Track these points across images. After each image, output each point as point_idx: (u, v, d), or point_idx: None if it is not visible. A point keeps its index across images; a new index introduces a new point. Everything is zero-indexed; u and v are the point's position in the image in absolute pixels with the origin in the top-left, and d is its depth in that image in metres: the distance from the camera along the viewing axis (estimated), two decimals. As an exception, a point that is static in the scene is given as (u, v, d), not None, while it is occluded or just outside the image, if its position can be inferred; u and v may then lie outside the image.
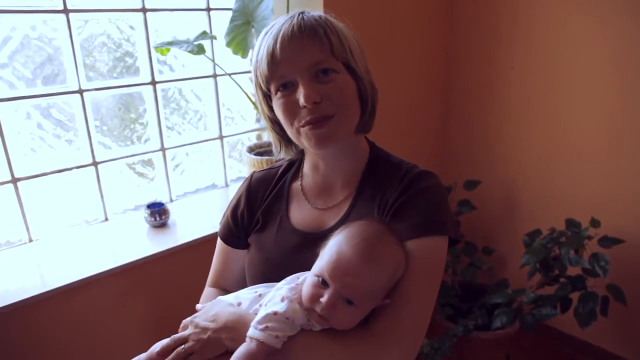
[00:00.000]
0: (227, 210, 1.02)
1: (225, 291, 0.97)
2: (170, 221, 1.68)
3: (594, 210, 1.92)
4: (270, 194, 0.97)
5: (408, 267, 0.76)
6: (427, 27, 2.23)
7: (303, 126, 0.80)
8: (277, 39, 0.78)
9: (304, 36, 0.78)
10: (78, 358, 1.44)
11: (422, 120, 2.37)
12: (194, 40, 1.59)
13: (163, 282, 1.57)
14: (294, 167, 0.99)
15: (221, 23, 1.77)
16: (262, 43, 0.81)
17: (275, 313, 0.72)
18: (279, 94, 0.81)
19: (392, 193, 0.84)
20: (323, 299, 0.70)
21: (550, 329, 2.28)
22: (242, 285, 0.93)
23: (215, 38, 1.66)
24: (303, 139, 0.82)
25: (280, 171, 0.99)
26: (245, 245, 0.97)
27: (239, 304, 0.82)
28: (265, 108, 0.87)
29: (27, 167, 1.49)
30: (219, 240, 1.02)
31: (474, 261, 2.17)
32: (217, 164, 1.97)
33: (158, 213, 1.64)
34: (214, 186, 1.99)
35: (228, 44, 1.66)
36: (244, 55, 1.67)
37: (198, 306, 0.90)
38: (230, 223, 0.98)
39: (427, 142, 2.44)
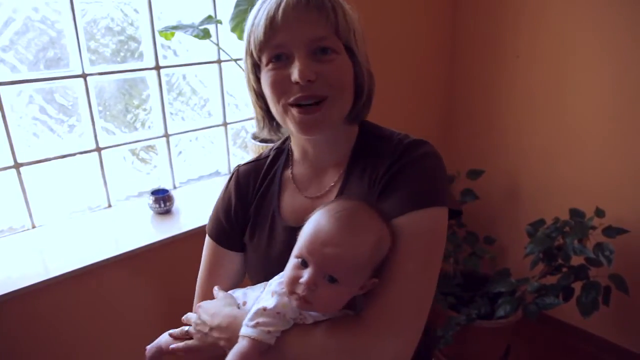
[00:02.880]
0: (216, 210, 0.94)
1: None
2: (174, 208, 1.67)
3: (598, 200, 1.92)
4: (260, 187, 0.91)
5: (402, 243, 0.70)
6: (432, 15, 2.21)
7: (292, 105, 0.74)
8: (280, 3, 0.71)
9: (310, 7, 0.71)
10: (81, 345, 1.44)
11: (426, 108, 2.35)
12: (199, 25, 1.56)
13: (167, 269, 1.56)
14: (283, 155, 0.92)
15: (226, 7, 1.74)
16: (261, 6, 0.74)
17: (265, 309, 0.69)
18: (270, 65, 0.74)
19: (382, 165, 0.78)
20: (303, 279, 0.66)
21: (550, 319, 2.29)
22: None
23: (221, 22, 1.63)
24: (289, 120, 0.76)
25: (268, 162, 0.92)
26: (239, 246, 0.91)
27: (245, 303, 0.80)
28: (252, 79, 0.80)
29: (30, 153, 1.47)
30: (209, 243, 0.94)
31: (476, 250, 2.18)
32: (220, 151, 1.95)
33: (162, 200, 1.62)
34: (217, 173, 1.98)
35: (233, 29, 1.63)
36: (249, 41, 1.64)
37: (199, 305, 0.85)
38: (224, 224, 0.91)
39: (431, 131, 2.43)
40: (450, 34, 2.32)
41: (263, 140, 1.80)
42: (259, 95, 0.82)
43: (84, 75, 1.51)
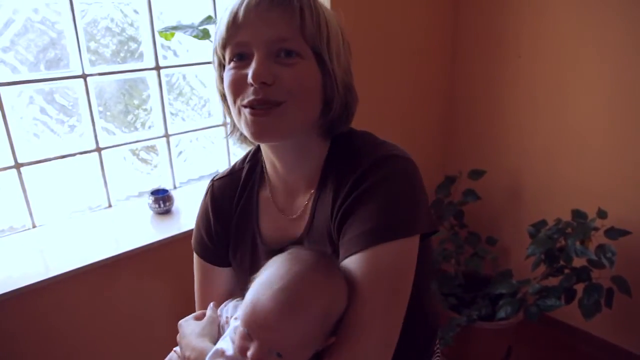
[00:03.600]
0: (197, 227, 0.91)
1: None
2: (174, 208, 1.68)
3: (601, 201, 1.90)
4: (238, 203, 0.86)
5: (361, 287, 0.64)
6: (433, 15, 2.20)
7: (245, 106, 0.69)
8: (244, 0, 0.68)
9: (274, 5, 0.67)
10: (81, 344, 1.45)
11: (428, 108, 2.35)
12: (199, 25, 1.56)
13: (167, 269, 1.56)
14: (257, 168, 0.86)
15: (226, 7, 1.74)
16: (229, 5, 0.71)
17: (222, 352, 0.66)
18: (232, 63, 0.70)
19: (343, 188, 0.71)
20: (249, 353, 0.61)
21: (552, 321, 2.28)
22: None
23: (220, 23, 1.64)
24: (243, 123, 0.71)
25: (243, 175, 0.87)
26: (225, 262, 0.88)
27: (236, 318, 0.76)
28: (218, 79, 0.76)
29: (31, 153, 1.48)
30: (197, 260, 0.91)
31: (477, 251, 2.16)
32: (221, 151, 1.96)
33: (162, 200, 1.63)
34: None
35: (233, 29, 1.63)
36: (249, 41, 1.64)
37: (179, 323, 0.85)
38: (206, 241, 0.88)
39: (433, 132, 2.42)
40: (451, 34, 2.31)
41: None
42: (223, 97, 0.76)
43: (84, 76, 1.51)
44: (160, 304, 1.57)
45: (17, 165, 1.45)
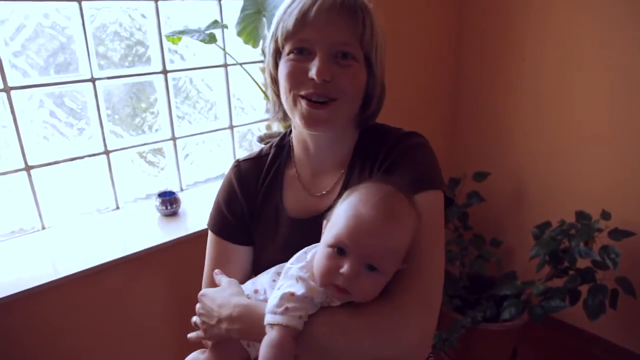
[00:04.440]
0: (218, 205, 0.94)
1: None
2: (181, 210, 1.69)
3: (605, 203, 1.91)
4: (264, 182, 0.92)
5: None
6: (438, 17, 2.22)
7: (303, 97, 0.78)
8: (316, 2, 0.75)
9: (343, 12, 0.76)
10: (89, 346, 1.46)
11: (432, 111, 2.36)
12: (205, 30, 1.59)
13: (174, 270, 1.58)
14: (284, 152, 0.94)
15: (232, 12, 1.76)
16: (294, 1, 0.78)
17: (292, 294, 0.67)
18: (291, 55, 0.78)
19: (380, 155, 0.83)
20: (344, 270, 0.65)
21: (557, 322, 2.28)
22: None
23: (227, 27, 1.66)
24: (296, 112, 0.80)
25: (269, 159, 0.94)
26: (245, 240, 0.92)
27: (256, 291, 0.79)
28: (271, 63, 0.84)
29: (40, 155, 1.50)
30: (214, 241, 0.93)
31: (482, 253, 2.17)
32: (227, 154, 1.98)
33: (169, 202, 1.64)
34: (223, 176, 1.99)
35: (239, 34, 1.65)
36: (255, 45, 1.66)
37: (201, 293, 0.85)
38: (229, 218, 0.92)
39: (437, 133, 2.43)
40: (456, 37, 2.33)
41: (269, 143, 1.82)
42: (274, 80, 0.85)
43: (93, 80, 1.54)
44: (167, 305, 1.59)
45: (27, 168, 1.47)
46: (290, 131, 0.95)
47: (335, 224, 0.69)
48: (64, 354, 1.42)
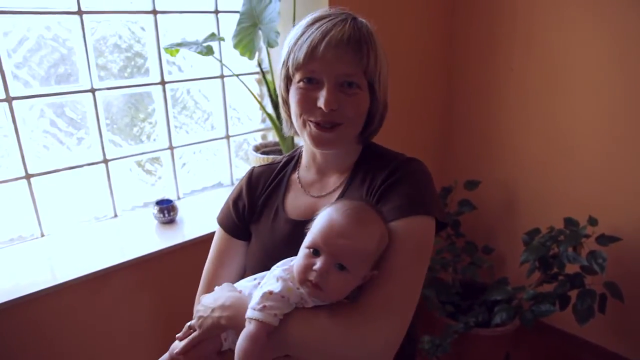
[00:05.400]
0: (228, 203, 1.05)
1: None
2: (178, 218, 1.72)
3: (592, 210, 1.95)
4: (270, 185, 1.02)
5: (395, 243, 0.79)
6: (429, 29, 2.27)
7: (311, 121, 0.86)
8: (325, 37, 0.81)
9: (349, 48, 0.82)
10: (87, 351, 1.48)
11: (423, 121, 2.40)
12: (203, 42, 1.63)
13: (171, 277, 1.60)
14: (294, 160, 1.04)
15: (229, 25, 1.81)
16: (306, 30, 0.84)
17: (270, 292, 0.75)
18: (301, 83, 0.85)
19: (379, 178, 0.88)
20: (316, 266, 0.73)
21: (548, 328, 2.31)
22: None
23: (224, 39, 1.70)
24: (306, 134, 0.88)
25: (280, 166, 1.04)
26: (246, 236, 1.01)
27: (240, 292, 0.86)
28: (283, 87, 0.91)
29: (40, 164, 1.53)
30: (219, 232, 1.04)
31: (474, 260, 2.21)
32: (223, 163, 2.01)
33: (167, 210, 1.67)
34: (220, 184, 2.03)
35: (235, 46, 1.70)
36: (251, 57, 1.71)
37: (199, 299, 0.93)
38: (232, 213, 1.02)
39: (428, 143, 2.48)
40: (447, 48, 2.38)
41: (264, 153, 1.86)
42: (285, 102, 0.93)
43: (92, 90, 1.58)
44: (164, 310, 1.61)
45: (28, 176, 1.50)
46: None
47: (312, 230, 0.78)
48: (63, 358, 1.43)
